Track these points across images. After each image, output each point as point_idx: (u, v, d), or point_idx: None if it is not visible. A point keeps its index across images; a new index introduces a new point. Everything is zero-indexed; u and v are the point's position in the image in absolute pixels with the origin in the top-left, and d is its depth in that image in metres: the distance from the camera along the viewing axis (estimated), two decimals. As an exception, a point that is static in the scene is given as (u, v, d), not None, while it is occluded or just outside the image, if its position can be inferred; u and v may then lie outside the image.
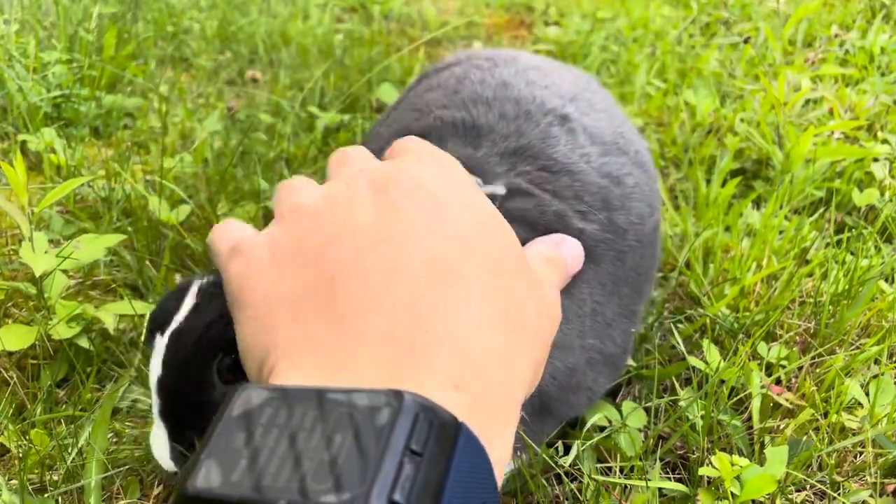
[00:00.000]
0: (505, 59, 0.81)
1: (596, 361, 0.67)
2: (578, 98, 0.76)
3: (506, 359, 0.36)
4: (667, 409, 0.79)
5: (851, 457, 0.74)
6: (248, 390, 0.31)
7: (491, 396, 0.35)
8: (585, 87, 0.81)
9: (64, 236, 1.02)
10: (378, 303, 0.36)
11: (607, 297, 0.67)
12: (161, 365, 0.57)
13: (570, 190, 0.67)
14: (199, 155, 1.23)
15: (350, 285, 0.36)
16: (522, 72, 0.78)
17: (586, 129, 0.73)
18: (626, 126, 0.81)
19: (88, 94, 1.40)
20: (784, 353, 0.84)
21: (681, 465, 0.75)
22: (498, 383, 0.35)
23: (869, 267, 0.95)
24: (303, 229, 0.41)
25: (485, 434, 0.32)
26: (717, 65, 1.71)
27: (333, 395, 0.30)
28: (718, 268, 0.98)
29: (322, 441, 0.28)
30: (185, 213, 1.03)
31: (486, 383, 0.35)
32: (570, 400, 0.67)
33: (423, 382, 0.33)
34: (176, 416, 0.57)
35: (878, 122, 1.40)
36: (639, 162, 0.76)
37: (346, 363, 0.34)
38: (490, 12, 2.36)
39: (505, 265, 0.40)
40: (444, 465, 0.28)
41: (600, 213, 0.68)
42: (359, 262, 0.37)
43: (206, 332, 0.55)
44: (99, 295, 0.95)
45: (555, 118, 0.71)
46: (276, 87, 1.59)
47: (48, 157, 1.16)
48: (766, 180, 1.26)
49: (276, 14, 2.09)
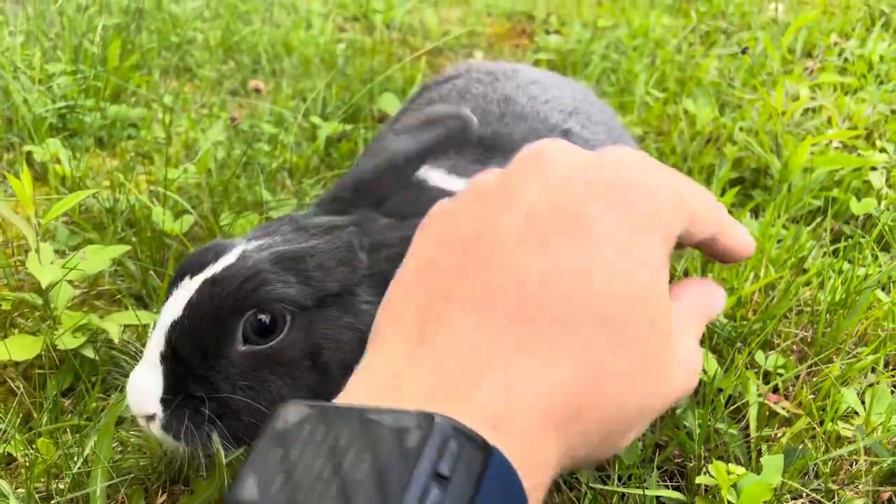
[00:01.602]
0: (505, 73, 0.82)
1: None
2: (578, 111, 0.78)
3: (562, 434, 0.36)
4: (664, 418, 0.80)
5: (847, 465, 0.75)
6: (289, 406, 0.32)
7: (538, 458, 0.35)
8: (583, 99, 0.82)
9: (69, 247, 1.04)
10: (456, 329, 0.36)
11: None
12: (184, 306, 0.56)
13: None
14: (202, 165, 1.24)
15: (449, 305, 0.37)
16: (524, 86, 0.80)
17: (588, 143, 0.75)
18: (625, 137, 0.83)
19: (93, 105, 1.41)
20: (781, 361, 0.85)
21: (678, 473, 0.76)
22: (546, 449, 0.36)
23: (866, 276, 0.96)
24: (462, 244, 0.40)
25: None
26: (716, 74, 1.72)
27: (372, 416, 0.31)
28: (717, 277, 0.99)
29: (355, 460, 0.29)
30: (188, 223, 1.04)
31: (534, 444, 0.35)
32: None
33: (459, 408, 0.33)
34: (181, 363, 0.56)
35: (876, 131, 1.41)
36: None
37: (411, 375, 0.35)
38: (491, 21, 2.37)
39: (630, 346, 0.38)
40: (473, 490, 0.29)
41: None
42: (472, 290, 0.37)
43: (244, 283, 0.55)
44: (104, 305, 0.97)
45: (559, 134, 0.73)
46: (279, 98, 1.60)
47: (53, 167, 1.18)
48: (765, 189, 1.27)
49: (279, 24, 2.11)
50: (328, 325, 0.57)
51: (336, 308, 0.58)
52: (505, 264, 0.38)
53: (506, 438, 0.33)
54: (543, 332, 0.36)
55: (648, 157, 0.44)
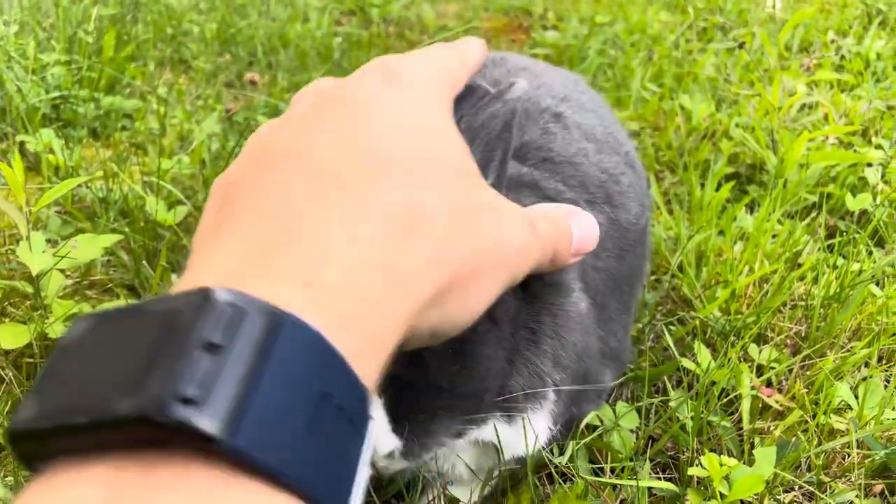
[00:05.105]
0: (494, 61, 0.82)
1: (603, 354, 0.68)
2: (569, 98, 0.78)
3: (391, 273, 0.36)
4: (658, 411, 0.80)
5: (839, 458, 0.75)
6: (76, 322, 0.31)
7: (363, 307, 0.34)
8: (574, 87, 0.82)
9: (61, 236, 1.03)
10: (250, 211, 0.36)
11: (610, 292, 0.69)
12: None
13: (574, 179, 0.69)
14: (196, 156, 1.23)
15: (240, 196, 0.38)
16: (514, 72, 0.79)
17: (580, 127, 0.74)
18: (616, 126, 0.83)
19: (87, 96, 1.40)
20: (775, 355, 0.85)
21: (672, 465, 0.76)
22: (374, 298, 0.34)
23: (860, 271, 0.96)
24: (255, 149, 0.42)
25: (347, 338, 0.32)
26: (713, 70, 1.72)
27: (151, 307, 0.30)
28: (711, 271, 0.99)
29: (131, 353, 0.28)
30: (181, 213, 1.04)
31: (355, 292, 0.34)
32: (579, 395, 0.66)
33: (265, 278, 0.32)
34: (389, 381, 0.51)
35: (872, 128, 1.41)
36: (630, 162, 0.78)
37: (209, 262, 0.35)
38: (488, 16, 2.37)
39: (433, 180, 0.40)
40: (259, 356, 0.28)
41: (606, 206, 0.70)
42: (260, 178, 0.38)
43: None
44: (96, 295, 0.96)
45: (550, 116, 0.73)
46: (275, 90, 1.60)
47: (46, 157, 1.17)
48: (761, 185, 1.27)
49: (276, 16, 2.10)
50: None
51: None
52: (300, 137, 0.40)
53: (319, 297, 0.32)
54: (349, 185, 0.37)
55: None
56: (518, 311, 0.57)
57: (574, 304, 0.62)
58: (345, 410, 0.31)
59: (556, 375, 0.61)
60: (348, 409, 0.31)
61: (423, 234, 0.37)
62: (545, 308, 0.60)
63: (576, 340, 0.62)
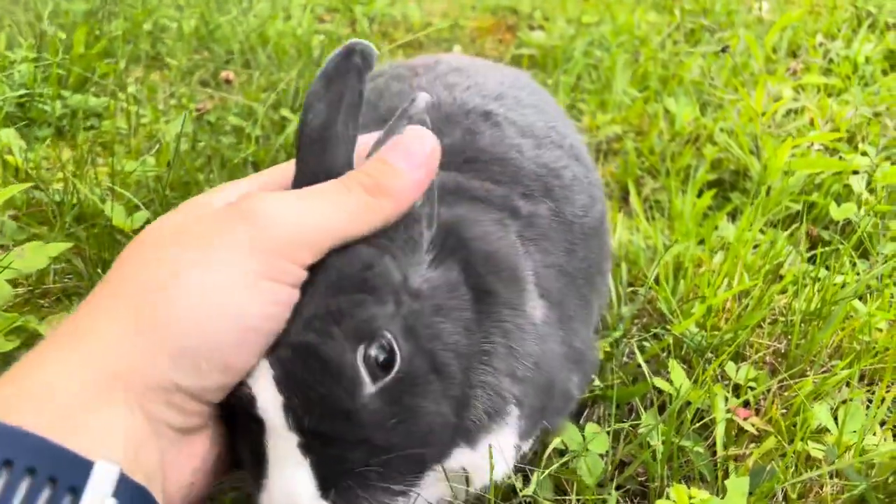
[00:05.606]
0: (426, 66, 0.82)
1: (567, 357, 0.64)
2: (505, 95, 0.77)
3: None
4: (628, 434, 0.76)
5: (816, 487, 0.71)
6: None
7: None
8: (513, 84, 0.81)
9: (15, 242, 0.99)
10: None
11: (565, 287, 0.67)
12: (280, 385, 0.47)
13: (504, 175, 0.67)
14: (164, 158, 1.19)
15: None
16: (442, 76, 0.78)
17: (515, 123, 0.73)
18: (560, 120, 0.82)
19: (53, 93, 1.36)
20: (753, 374, 0.81)
21: (641, 492, 0.73)
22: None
23: (843, 284, 0.93)
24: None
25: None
26: (698, 73, 1.68)
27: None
28: (689, 283, 0.96)
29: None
30: (140, 219, 0.99)
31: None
32: (546, 406, 0.63)
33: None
34: (318, 441, 0.47)
35: (859, 134, 1.38)
36: (574, 154, 0.77)
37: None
38: (475, 15, 2.33)
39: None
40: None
41: (546, 200, 0.68)
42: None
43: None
44: (49, 304, 0.92)
45: (477, 116, 0.72)
46: (250, 89, 1.55)
47: (3, 158, 1.13)
48: (744, 192, 1.24)
49: (258, 13, 2.05)
50: (423, 324, 0.52)
51: (415, 301, 0.52)
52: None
53: (46, 417, 0.40)
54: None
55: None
56: (470, 343, 0.54)
57: (528, 315, 0.60)
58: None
59: (515, 389, 0.58)
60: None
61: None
62: (497, 326, 0.57)
63: (530, 350, 0.59)
